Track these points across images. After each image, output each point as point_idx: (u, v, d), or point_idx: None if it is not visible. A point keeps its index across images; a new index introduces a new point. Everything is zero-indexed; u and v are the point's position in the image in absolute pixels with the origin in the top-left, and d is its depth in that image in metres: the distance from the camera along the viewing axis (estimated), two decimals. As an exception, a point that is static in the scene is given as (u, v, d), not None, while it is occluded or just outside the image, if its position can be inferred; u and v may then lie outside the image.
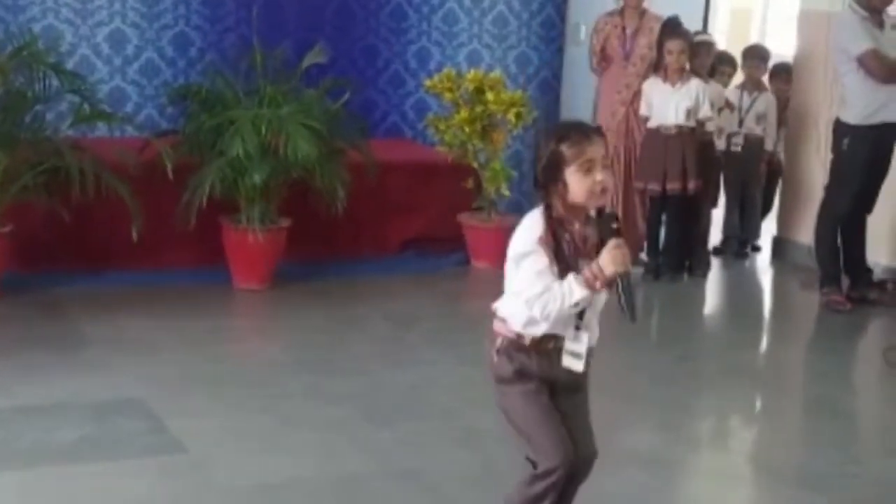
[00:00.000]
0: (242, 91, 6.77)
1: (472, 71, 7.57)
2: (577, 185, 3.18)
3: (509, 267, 3.26)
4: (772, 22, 13.71)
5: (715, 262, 7.95)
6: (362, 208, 7.02)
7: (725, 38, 12.31)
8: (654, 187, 7.27)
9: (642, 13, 7.55)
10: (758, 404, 5.50)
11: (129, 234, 6.12)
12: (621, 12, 7.58)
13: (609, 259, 3.15)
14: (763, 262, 8.29)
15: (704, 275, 7.63)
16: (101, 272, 6.59)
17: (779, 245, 8.29)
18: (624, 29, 7.55)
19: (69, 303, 6.17)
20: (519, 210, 3.30)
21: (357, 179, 6.74)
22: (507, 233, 3.45)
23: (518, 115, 7.30)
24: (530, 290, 3.18)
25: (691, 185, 7.24)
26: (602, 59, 7.61)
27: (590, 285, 3.15)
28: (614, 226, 3.20)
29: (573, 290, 3.15)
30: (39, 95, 6.36)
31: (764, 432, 5.11)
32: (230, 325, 6.22)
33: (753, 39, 12.44)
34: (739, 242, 8.38)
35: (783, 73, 8.52)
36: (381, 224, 7.41)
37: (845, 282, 6.98)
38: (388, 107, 8.51)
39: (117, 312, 6.04)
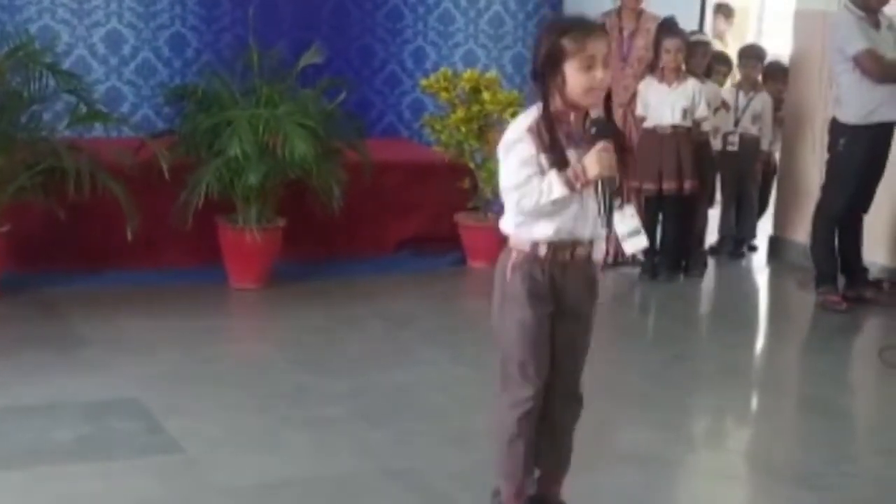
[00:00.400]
0: (239, 91, 6.78)
1: (469, 71, 7.58)
2: (575, 80, 3.15)
3: (500, 156, 3.24)
4: (768, 21, 13.71)
5: (711, 262, 7.96)
6: (358, 208, 7.02)
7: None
8: (650, 187, 7.28)
9: (639, 14, 7.56)
10: (754, 404, 5.50)
11: (126, 234, 6.12)
12: (618, 13, 7.58)
13: (594, 160, 3.13)
14: (759, 261, 8.30)
15: (701, 274, 7.63)
16: (98, 272, 6.59)
17: (775, 245, 8.30)
18: (621, 30, 7.55)
19: (66, 303, 6.17)
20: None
21: (353, 179, 6.75)
22: (504, 239, 3.44)
23: (514, 115, 7.25)
24: (513, 179, 3.16)
25: (687, 185, 7.25)
26: None
27: (570, 185, 3.14)
28: (601, 128, 3.17)
29: (553, 187, 3.13)
30: (36, 96, 6.36)
31: (760, 431, 5.11)
32: (227, 325, 6.22)
33: (749, 39, 12.45)
34: (735, 242, 8.39)
35: (778, 72, 8.53)
36: (378, 224, 7.41)
37: (841, 281, 6.99)
38: (384, 106, 8.51)
39: (114, 312, 6.04)
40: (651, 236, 7.45)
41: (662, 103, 7.24)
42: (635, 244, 3.29)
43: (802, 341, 6.64)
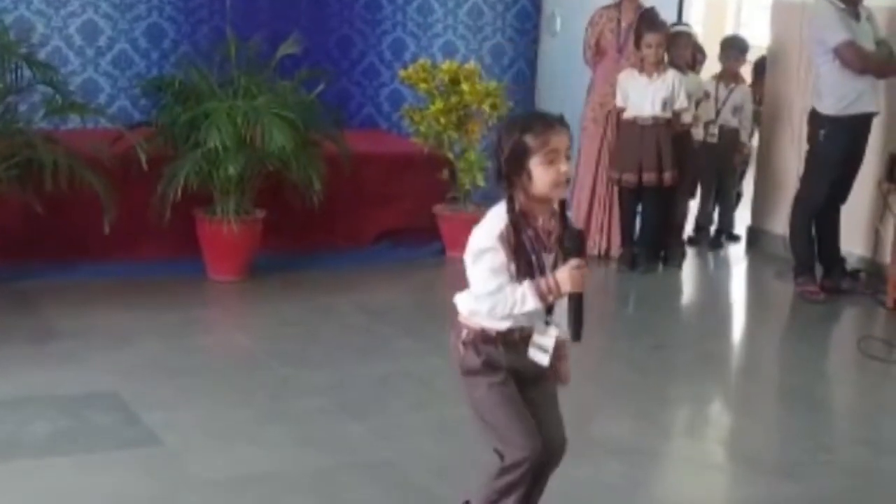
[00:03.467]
0: (216, 82, 6.74)
1: (447, 62, 7.56)
2: (541, 176, 3.14)
3: (467, 262, 3.23)
4: (746, 11, 13.75)
5: (690, 253, 7.97)
6: (337, 199, 7.00)
7: (701, 28, 12.33)
8: (630, 178, 7.28)
9: (638, 7, 7.56)
10: (733, 394, 5.51)
11: (103, 226, 6.09)
12: (618, 5, 7.58)
13: (567, 278, 3.13)
14: (737, 252, 8.32)
15: (680, 265, 7.65)
16: (75, 264, 6.56)
17: (753, 235, 8.32)
18: (619, 22, 7.55)
19: (42, 295, 6.14)
20: (494, 201, 3.27)
21: (332, 170, 6.73)
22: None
23: (493, 106, 7.29)
24: (483, 287, 3.16)
25: (667, 177, 7.26)
26: (596, 52, 7.60)
27: (543, 298, 3.14)
28: (575, 244, 3.16)
29: (526, 299, 3.14)
30: (11, 87, 6.30)
31: (738, 421, 5.13)
32: (204, 317, 6.20)
33: (729, 30, 12.48)
34: (714, 233, 8.41)
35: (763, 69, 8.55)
36: (357, 215, 7.40)
37: (819, 271, 7.01)
38: (363, 98, 8.50)
39: (91, 305, 6.01)
40: (630, 227, 7.48)
41: (642, 95, 7.24)
42: (537, 357, 3.28)
43: (781, 331, 6.66)
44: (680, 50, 7.70)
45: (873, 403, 5.38)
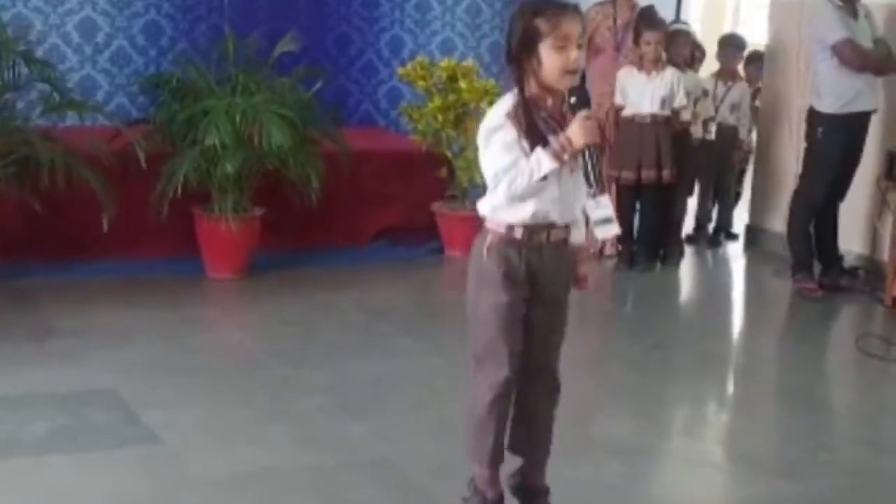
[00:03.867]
0: (214, 80, 6.74)
1: (446, 59, 7.56)
2: (550, 61, 3.14)
3: (480, 145, 3.22)
4: (744, 9, 13.76)
5: (688, 251, 7.98)
6: (336, 197, 6.99)
7: (699, 26, 12.33)
8: (629, 176, 7.28)
9: (633, 6, 7.56)
10: (731, 392, 5.51)
11: (101, 224, 6.08)
12: (613, 2, 7.58)
13: (579, 130, 3.13)
14: (736, 250, 8.32)
15: (678, 263, 7.65)
16: (74, 263, 6.55)
17: (751, 233, 8.32)
18: (615, 20, 7.54)
19: (41, 294, 6.13)
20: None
21: (330, 168, 6.72)
22: (481, 222, 3.44)
23: (491, 104, 7.24)
24: (498, 164, 3.15)
25: (666, 174, 7.26)
26: (590, 50, 7.60)
27: (558, 157, 3.14)
28: (581, 98, 3.19)
29: (541, 162, 3.13)
30: (9, 84, 6.29)
31: (737, 420, 5.12)
32: (203, 315, 6.18)
33: (727, 28, 12.48)
34: (713, 231, 8.41)
35: (757, 60, 8.56)
36: (355, 213, 7.40)
37: (817, 269, 7.01)
38: (361, 95, 8.49)
39: (90, 303, 6.00)
40: (629, 225, 7.48)
41: (641, 93, 7.25)
42: (606, 231, 3.28)
43: (779, 329, 6.66)
44: (679, 48, 7.71)
45: (872, 402, 5.38)
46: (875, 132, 6.91)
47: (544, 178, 3.14)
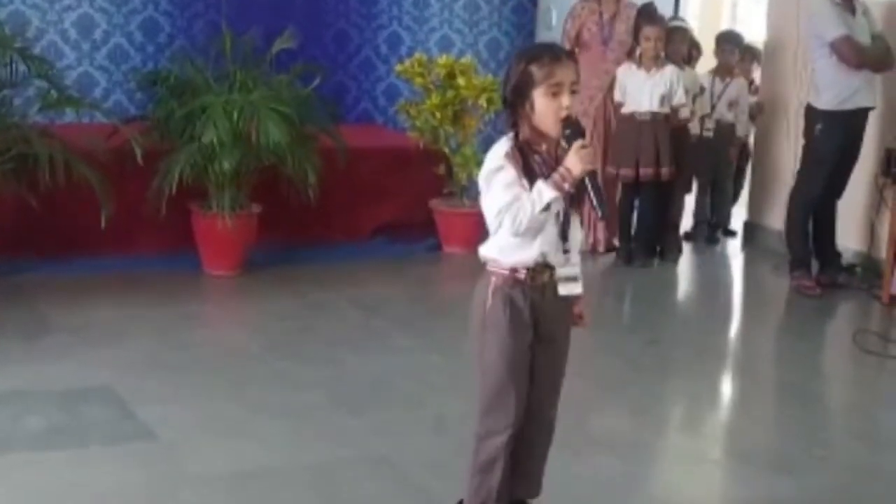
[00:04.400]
0: (212, 77, 6.73)
1: (444, 56, 7.56)
2: (543, 107, 3.19)
3: (482, 188, 3.26)
4: (742, 6, 13.75)
5: (686, 248, 7.98)
6: (333, 194, 6.99)
7: (697, 23, 12.33)
8: (628, 173, 7.28)
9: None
10: (729, 388, 5.51)
11: (98, 220, 6.07)
12: None
13: (576, 158, 3.16)
14: (734, 247, 8.32)
15: (676, 260, 7.65)
16: (71, 259, 6.55)
17: (749, 230, 8.32)
18: (601, 14, 7.55)
19: (37, 290, 6.13)
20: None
21: (328, 165, 6.72)
22: (478, 218, 3.45)
23: (489, 101, 7.28)
24: (500, 202, 3.19)
25: (664, 172, 7.26)
26: (577, 45, 7.60)
27: (559, 187, 3.17)
28: (574, 129, 3.21)
29: (542, 192, 3.16)
30: (6, 81, 6.29)
31: (734, 416, 5.13)
32: (200, 312, 6.18)
33: (724, 25, 12.48)
34: (710, 228, 8.41)
35: (749, 55, 8.57)
36: (353, 210, 7.40)
37: (815, 266, 7.01)
38: (358, 92, 8.49)
39: (86, 299, 6.01)
40: (627, 222, 7.48)
41: (640, 90, 7.24)
42: (569, 289, 3.34)
43: (777, 326, 6.66)
44: (677, 45, 7.70)
45: (869, 398, 5.38)
46: (873, 129, 6.91)
47: (546, 208, 3.17)
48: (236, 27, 6.92)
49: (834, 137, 6.71)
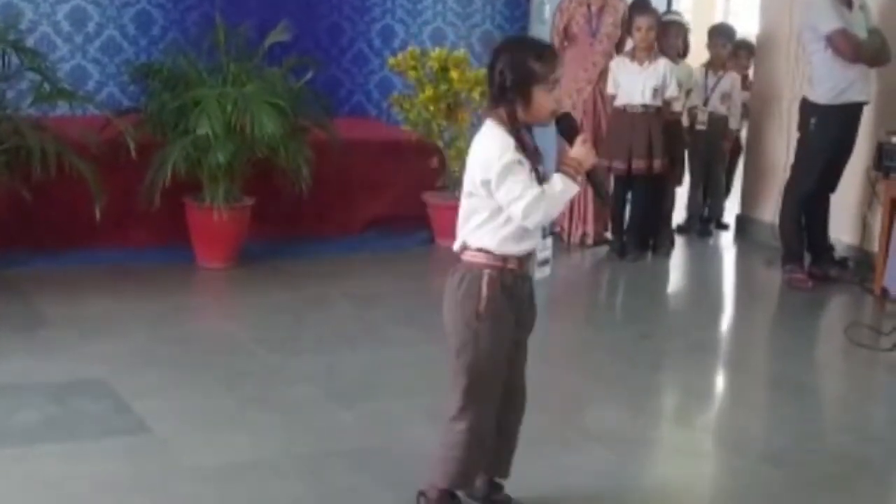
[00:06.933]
0: (205, 69, 6.73)
1: (437, 49, 7.55)
2: (542, 102, 3.29)
3: (493, 181, 3.28)
4: (736, 0, 13.76)
5: (679, 241, 7.99)
6: (326, 187, 6.99)
7: (691, 17, 12.32)
8: (620, 166, 7.28)
9: None
10: (721, 381, 5.53)
11: (92, 213, 6.07)
12: None
13: (583, 152, 3.30)
14: (726, 240, 8.34)
15: (668, 253, 7.66)
16: (64, 252, 6.54)
17: (742, 223, 8.33)
18: (589, 6, 7.56)
19: (30, 283, 6.12)
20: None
21: (321, 158, 6.72)
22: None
23: (483, 94, 7.26)
24: (528, 195, 3.24)
25: (657, 165, 7.27)
26: (565, 38, 7.61)
27: (574, 179, 3.30)
28: (570, 124, 3.39)
29: (567, 186, 3.28)
30: (-1, 74, 6.30)
31: (726, 409, 5.14)
32: (194, 305, 6.19)
33: (718, 19, 12.48)
34: (703, 221, 8.42)
35: (743, 49, 8.57)
36: (346, 203, 7.39)
37: (807, 259, 7.03)
38: (352, 85, 8.49)
39: (79, 292, 6.00)
40: (619, 215, 7.49)
41: (633, 83, 7.25)
42: (542, 272, 3.45)
43: (769, 319, 6.67)
44: (671, 39, 7.72)
45: (860, 391, 5.40)
46: (865, 123, 6.91)
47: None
48: (230, 20, 6.91)
49: (829, 131, 6.72)
